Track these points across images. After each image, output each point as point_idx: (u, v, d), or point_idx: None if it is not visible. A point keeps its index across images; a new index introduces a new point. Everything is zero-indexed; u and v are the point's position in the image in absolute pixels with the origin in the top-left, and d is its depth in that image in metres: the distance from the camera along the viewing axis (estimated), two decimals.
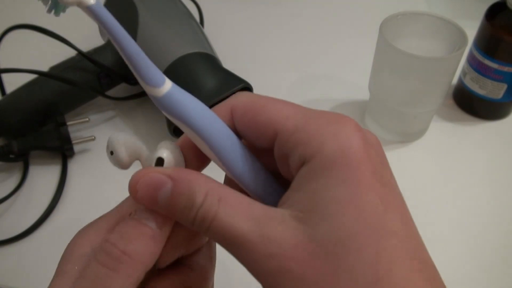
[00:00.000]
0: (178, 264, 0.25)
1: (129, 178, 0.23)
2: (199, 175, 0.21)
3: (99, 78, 0.52)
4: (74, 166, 0.51)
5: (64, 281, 0.21)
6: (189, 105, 0.21)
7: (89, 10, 0.19)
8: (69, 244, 0.23)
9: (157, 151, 0.23)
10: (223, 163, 0.22)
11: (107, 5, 0.56)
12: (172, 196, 0.21)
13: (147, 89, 0.21)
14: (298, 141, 0.20)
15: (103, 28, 0.19)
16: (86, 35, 0.60)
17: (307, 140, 0.20)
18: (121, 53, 0.20)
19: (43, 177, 0.49)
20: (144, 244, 0.21)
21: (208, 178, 0.21)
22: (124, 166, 0.23)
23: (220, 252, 0.23)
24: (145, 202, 0.21)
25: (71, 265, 0.21)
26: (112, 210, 0.24)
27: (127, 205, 0.24)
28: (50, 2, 0.18)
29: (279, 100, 0.23)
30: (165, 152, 0.23)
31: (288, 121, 0.21)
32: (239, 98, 0.23)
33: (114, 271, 0.20)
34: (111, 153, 0.23)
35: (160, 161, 0.22)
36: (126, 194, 0.24)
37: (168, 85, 0.21)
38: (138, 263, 0.21)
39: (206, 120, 0.21)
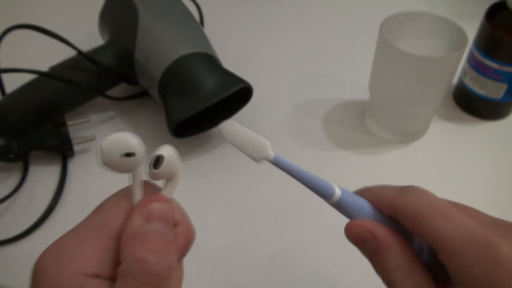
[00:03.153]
0: None
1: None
2: (396, 244, 0.25)
3: (99, 78, 0.52)
4: (74, 166, 0.51)
5: None
6: (355, 208, 0.27)
7: (273, 162, 0.26)
8: (47, 277, 0.21)
9: (158, 150, 0.24)
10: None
11: (107, 5, 0.56)
12: (370, 252, 0.25)
13: (326, 200, 0.27)
14: (461, 268, 0.22)
15: (285, 171, 0.26)
16: (86, 35, 0.60)
17: (471, 276, 0.22)
18: (300, 182, 0.27)
19: (43, 177, 0.49)
20: (174, 252, 0.23)
21: (403, 249, 0.25)
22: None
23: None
24: (354, 240, 0.26)
25: None
26: (86, 222, 0.24)
27: (114, 224, 0.23)
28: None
29: (451, 207, 0.24)
30: (165, 151, 0.24)
31: (455, 243, 0.23)
32: (408, 199, 0.25)
33: (165, 287, 0.21)
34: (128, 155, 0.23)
35: (158, 159, 0.24)
36: None
37: (338, 194, 0.26)
38: (177, 272, 0.23)
39: (370, 218, 0.27)
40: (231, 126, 0.27)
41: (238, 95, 0.48)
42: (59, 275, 0.21)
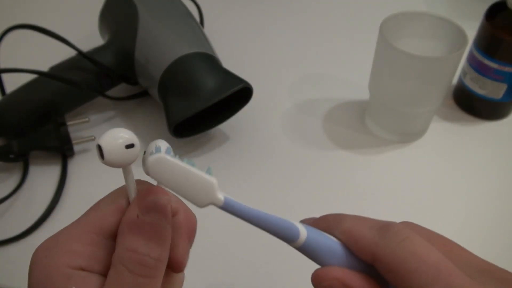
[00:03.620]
0: None
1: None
2: None
3: (99, 78, 0.52)
4: (74, 166, 0.51)
5: None
6: (325, 251, 0.22)
7: (222, 208, 0.22)
8: (40, 267, 0.22)
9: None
10: None
11: (107, 5, 0.56)
12: None
13: (290, 244, 0.23)
14: None
15: (237, 217, 0.22)
16: (86, 35, 0.60)
17: None
18: (258, 226, 0.23)
19: (43, 177, 0.49)
20: (167, 245, 0.23)
21: None
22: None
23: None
24: None
25: (68, 286, 0.21)
26: (81, 219, 0.24)
27: (112, 210, 0.24)
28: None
29: (441, 261, 0.20)
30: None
31: None
32: (389, 246, 0.21)
33: (152, 277, 0.22)
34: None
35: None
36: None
37: (303, 237, 0.22)
38: (165, 265, 0.23)
39: (342, 263, 0.23)
40: (162, 164, 0.21)
41: (238, 95, 0.48)
42: (50, 267, 0.22)
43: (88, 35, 0.60)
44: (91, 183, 0.49)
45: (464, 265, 0.21)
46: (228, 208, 0.22)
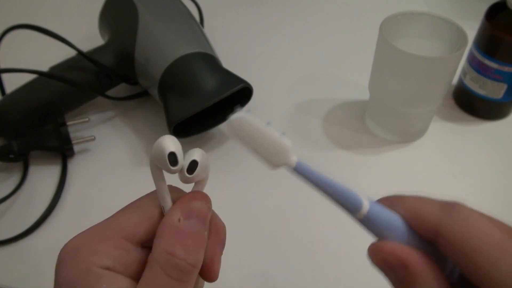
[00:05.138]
0: None
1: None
2: (430, 277, 0.21)
3: (99, 78, 0.52)
4: (74, 166, 0.51)
5: None
6: (385, 226, 0.22)
7: (295, 171, 0.22)
8: (69, 266, 0.22)
9: (191, 153, 0.24)
10: None
11: (107, 5, 0.56)
12: (397, 282, 0.21)
13: (352, 215, 0.23)
14: None
15: (306, 181, 0.22)
16: (86, 35, 0.60)
17: None
18: (323, 192, 0.23)
19: (43, 177, 0.49)
20: (203, 252, 0.23)
21: (437, 282, 0.21)
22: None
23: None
24: (379, 266, 0.22)
25: (99, 285, 0.22)
26: (110, 221, 0.24)
27: (145, 209, 0.24)
28: None
29: (506, 239, 0.20)
30: (198, 156, 0.24)
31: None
32: (456, 223, 0.21)
33: (186, 282, 0.22)
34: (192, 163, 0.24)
35: (194, 163, 0.24)
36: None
37: (365, 208, 0.22)
38: (198, 271, 0.23)
39: (402, 239, 0.22)
40: (242, 120, 0.22)
41: (238, 95, 0.48)
42: (80, 266, 0.22)
43: (88, 35, 0.60)
44: (91, 183, 0.49)
45: None
46: (299, 170, 0.22)
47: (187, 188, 0.26)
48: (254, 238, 0.44)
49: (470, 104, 0.55)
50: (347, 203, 0.22)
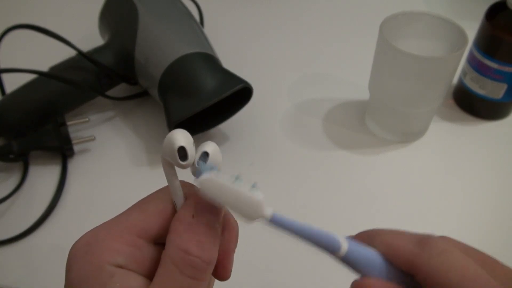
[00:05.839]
0: None
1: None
2: None
3: (99, 78, 0.52)
4: (74, 166, 0.51)
5: None
6: (365, 262, 0.23)
7: (271, 223, 0.23)
8: (81, 263, 0.22)
9: (202, 146, 0.24)
10: None
11: (107, 5, 0.56)
12: None
13: (331, 256, 0.23)
14: None
15: (282, 231, 0.23)
16: (86, 35, 0.60)
17: None
18: (301, 239, 0.23)
19: (43, 177, 0.49)
20: (217, 249, 0.23)
21: None
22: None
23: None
24: None
25: (112, 283, 0.22)
26: (122, 218, 0.24)
27: (162, 205, 0.24)
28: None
29: (482, 276, 0.20)
30: (211, 148, 0.24)
31: None
32: (430, 258, 0.21)
33: (200, 280, 0.22)
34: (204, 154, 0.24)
35: (205, 155, 0.24)
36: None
37: (344, 248, 0.23)
38: (212, 269, 0.23)
39: (382, 274, 0.23)
40: (211, 182, 0.22)
41: (238, 95, 0.48)
42: (92, 264, 0.22)
43: (88, 35, 0.60)
44: (91, 183, 0.49)
45: (505, 280, 0.21)
46: (275, 223, 0.23)
47: None
48: (254, 238, 0.44)
49: (470, 104, 0.55)
50: (326, 246, 0.23)
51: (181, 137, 0.22)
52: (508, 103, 0.53)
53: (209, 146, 0.24)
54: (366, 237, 0.24)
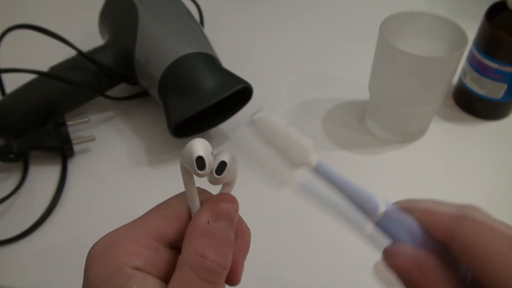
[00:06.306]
0: None
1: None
2: (444, 281, 0.21)
3: (99, 78, 0.52)
4: (74, 166, 0.51)
5: None
6: (400, 229, 0.23)
7: (315, 170, 0.23)
8: (100, 265, 0.23)
9: (220, 155, 0.24)
10: None
11: (107, 5, 0.56)
12: (411, 285, 0.21)
13: (368, 217, 0.23)
14: None
15: (324, 180, 0.23)
16: (86, 35, 0.60)
17: None
18: (341, 193, 0.23)
19: (43, 177, 0.49)
20: (231, 254, 0.24)
21: (447, 281, 0.21)
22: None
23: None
24: (394, 269, 0.22)
25: (129, 285, 0.22)
26: (140, 221, 0.25)
27: (175, 210, 0.25)
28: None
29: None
30: (227, 158, 0.24)
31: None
32: (470, 227, 0.21)
33: (216, 284, 0.23)
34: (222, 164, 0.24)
35: (223, 164, 0.24)
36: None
37: (381, 211, 0.23)
38: (227, 273, 0.23)
39: (416, 242, 0.23)
40: (265, 120, 0.22)
41: (238, 95, 0.48)
42: (111, 265, 0.22)
43: (88, 35, 0.60)
44: (91, 183, 0.49)
45: None
46: (319, 170, 0.23)
47: (215, 189, 0.27)
48: (256, 238, 0.44)
49: (470, 104, 0.55)
50: (365, 205, 0.23)
51: (200, 146, 0.23)
52: (508, 103, 0.53)
53: (226, 156, 0.24)
54: (404, 205, 0.24)
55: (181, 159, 0.24)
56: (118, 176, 0.49)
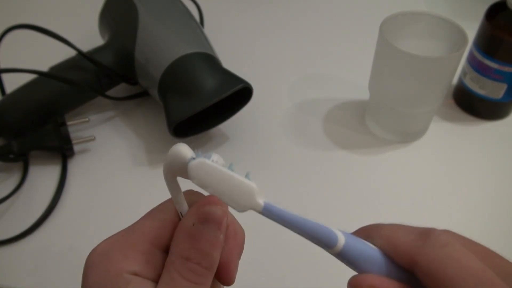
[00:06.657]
0: None
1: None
2: None
3: (99, 78, 0.52)
4: (74, 166, 0.51)
5: None
6: (363, 258, 0.22)
7: (262, 213, 0.22)
8: (98, 270, 0.23)
9: (208, 156, 0.23)
10: None
11: (107, 5, 0.56)
12: None
13: (327, 251, 0.22)
14: None
15: (276, 221, 0.22)
16: (86, 35, 0.60)
17: None
18: (296, 232, 0.22)
19: (43, 177, 0.49)
20: (218, 255, 0.24)
21: None
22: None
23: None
24: None
25: None
26: (135, 227, 0.25)
27: (167, 215, 0.25)
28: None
29: (484, 271, 0.20)
30: (215, 157, 0.23)
31: None
32: (431, 253, 0.20)
33: (201, 285, 0.23)
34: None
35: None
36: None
37: (341, 243, 0.22)
38: (213, 274, 0.24)
39: (381, 270, 0.22)
40: (203, 167, 0.21)
41: (238, 95, 0.48)
42: (109, 271, 0.23)
43: (88, 35, 0.60)
44: (91, 183, 0.49)
45: (505, 275, 0.21)
46: (267, 213, 0.22)
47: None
48: (256, 239, 0.44)
49: (470, 104, 0.55)
50: (322, 240, 0.22)
51: (187, 149, 0.22)
52: (508, 103, 0.53)
53: (215, 157, 0.24)
54: (365, 232, 0.23)
55: (166, 165, 0.23)
56: (118, 176, 0.49)
